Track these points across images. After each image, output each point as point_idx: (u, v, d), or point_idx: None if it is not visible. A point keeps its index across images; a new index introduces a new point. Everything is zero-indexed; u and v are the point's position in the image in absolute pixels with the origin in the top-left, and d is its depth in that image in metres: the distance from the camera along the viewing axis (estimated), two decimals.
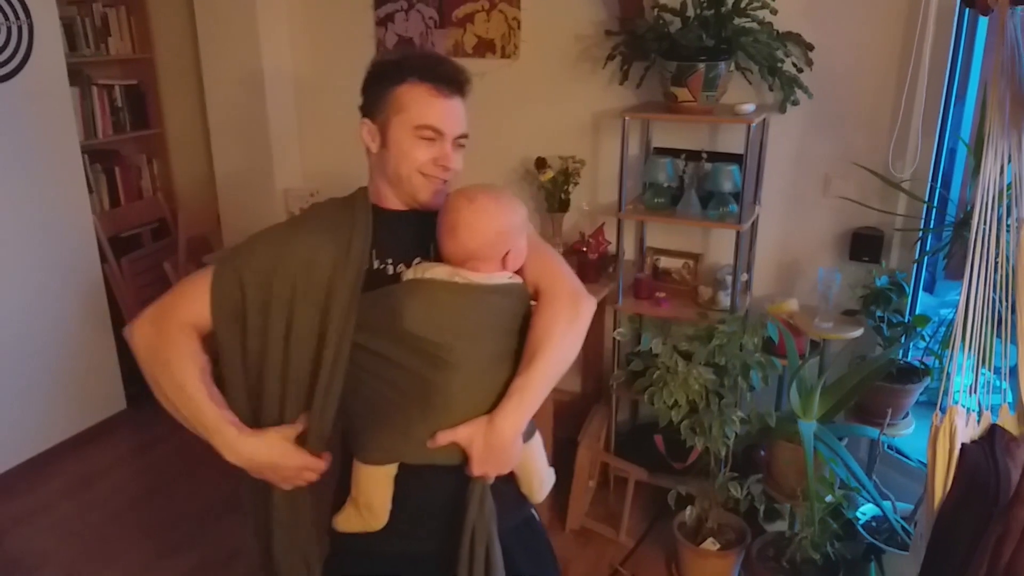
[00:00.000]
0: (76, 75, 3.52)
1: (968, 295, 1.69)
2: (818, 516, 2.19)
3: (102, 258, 3.48)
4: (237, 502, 1.50)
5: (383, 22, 3.29)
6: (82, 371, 3.34)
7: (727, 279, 2.70)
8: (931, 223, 2.55)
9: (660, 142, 2.89)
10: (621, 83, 2.83)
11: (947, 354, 1.77)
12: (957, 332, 1.71)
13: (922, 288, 2.62)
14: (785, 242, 2.85)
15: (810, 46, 2.58)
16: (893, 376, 2.42)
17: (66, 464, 3.20)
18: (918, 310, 2.58)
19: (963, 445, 1.70)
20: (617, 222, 2.74)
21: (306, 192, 3.51)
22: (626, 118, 2.63)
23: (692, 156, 2.77)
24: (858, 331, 2.54)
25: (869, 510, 2.38)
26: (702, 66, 2.48)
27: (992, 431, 1.72)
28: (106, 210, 3.82)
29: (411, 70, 1.38)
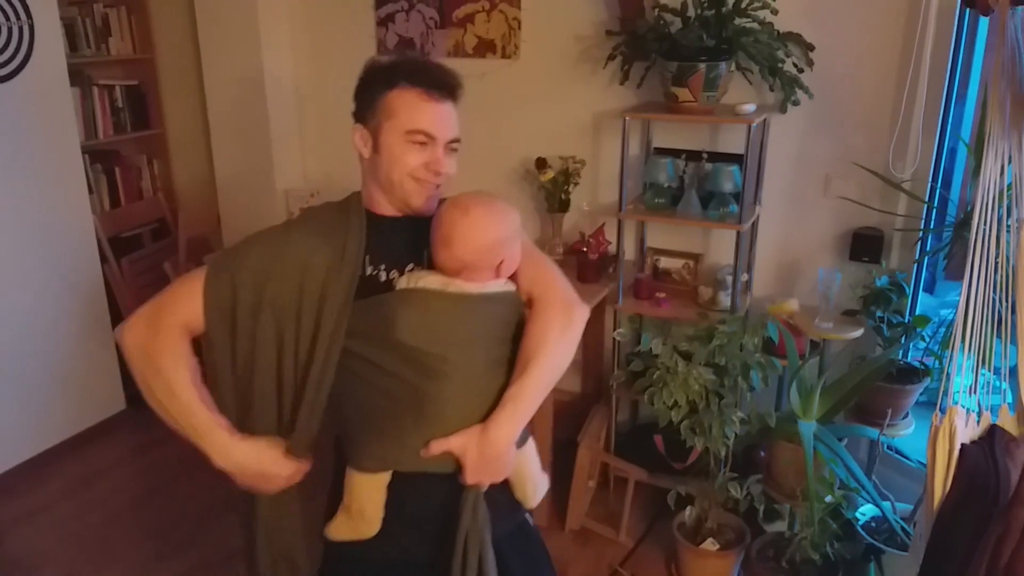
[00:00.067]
0: (77, 75, 3.52)
1: (968, 295, 1.69)
2: (818, 516, 2.19)
3: (102, 258, 3.48)
4: (236, 502, 1.50)
5: (384, 22, 3.29)
6: (82, 371, 3.35)
7: (727, 279, 2.70)
8: (931, 223, 2.55)
9: (660, 142, 2.89)
10: (622, 83, 2.83)
11: (947, 354, 1.77)
12: (957, 332, 1.71)
13: (922, 288, 2.62)
14: (785, 242, 2.85)
15: (811, 46, 2.58)
16: (893, 376, 2.42)
17: (66, 464, 3.20)
18: (918, 310, 2.58)
19: (963, 445, 1.70)
20: (617, 222, 2.74)
21: (306, 192, 3.50)
22: (626, 118, 2.63)
23: (692, 156, 2.78)
24: (858, 331, 2.54)
25: (869, 510, 2.38)
26: (703, 66, 2.48)
27: (992, 431, 1.72)
28: (106, 210, 3.83)
29: (401, 75, 1.38)
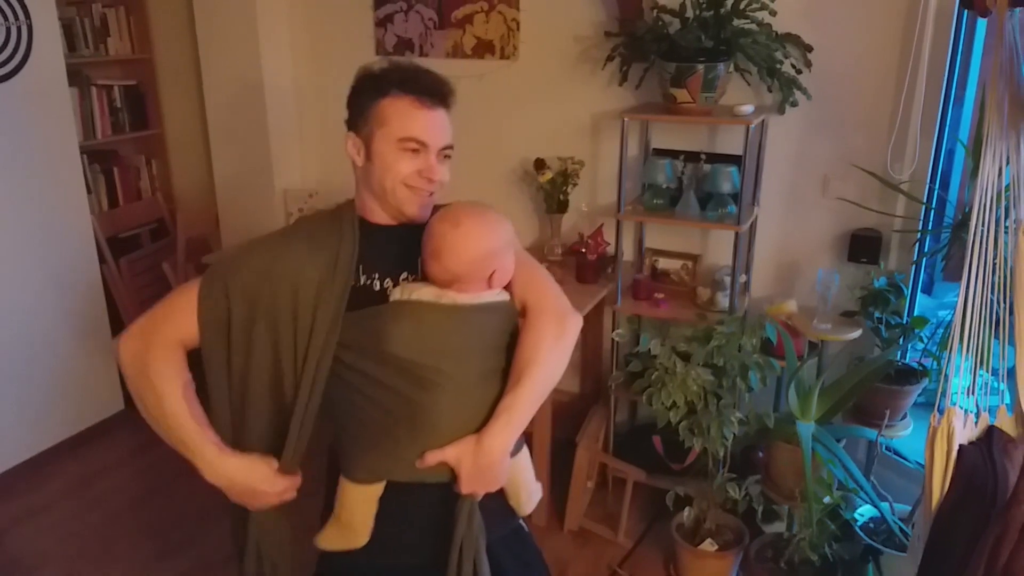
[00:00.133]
0: (75, 75, 3.52)
1: (966, 297, 1.70)
2: (816, 517, 2.19)
3: (101, 258, 3.48)
4: (230, 507, 1.50)
5: (382, 23, 3.29)
6: (81, 371, 3.34)
7: (726, 280, 2.70)
8: (929, 224, 2.55)
9: (659, 143, 2.89)
10: (620, 84, 2.83)
11: (945, 356, 1.77)
12: (955, 334, 1.72)
13: (920, 289, 2.62)
14: (784, 243, 2.85)
15: (809, 47, 2.58)
16: (891, 377, 2.43)
17: (65, 464, 3.19)
18: (916, 311, 2.58)
19: (961, 446, 1.71)
20: (616, 223, 2.74)
21: (305, 193, 3.50)
22: (625, 119, 2.63)
23: (691, 157, 2.78)
24: (856, 332, 2.54)
25: (867, 511, 2.39)
26: (701, 67, 2.48)
27: (990, 432, 1.72)
28: (105, 210, 3.83)
29: (393, 83, 1.38)
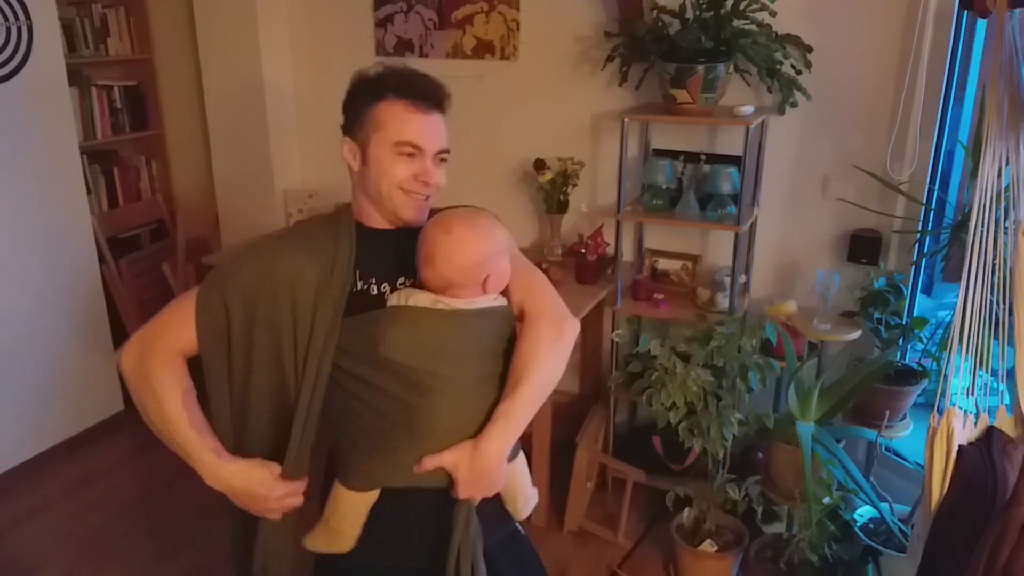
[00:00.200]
0: (75, 76, 3.52)
1: (966, 297, 1.70)
2: (816, 518, 2.19)
3: (100, 259, 3.48)
4: (231, 509, 1.50)
5: (382, 23, 3.29)
6: (80, 372, 3.34)
7: (725, 281, 2.70)
8: (929, 225, 2.55)
9: (659, 144, 2.89)
10: (620, 85, 2.83)
11: (944, 356, 1.77)
12: (955, 334, 1.72)
13: (920, 290, 2.63)
14: (783, 244, 2.85)
15: (809, 48, 2.58)
16: (891, 378, 2.43)
17: (65, 465, 3.19)
18: (916, 312, 2.58)
19: (960, 447, 1.71)
20: (616, 223, 2.74)
21: (305, 193, 3.51)
22: (625, 120, 2.64)
23: (691, 158, 2.78)
24: (856, 333, 2.54)
25: (867, 512, 2.39)
26: (701, 68, 2.48)
27: (989, 433, 1.72)
28: (105, 211, 3.83)
29: (388, 87, 1.38)
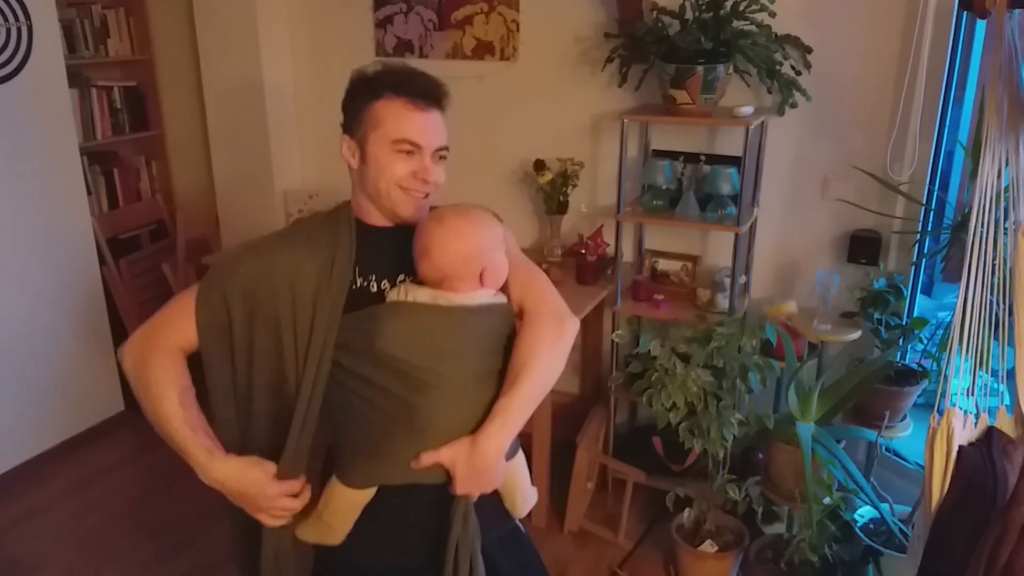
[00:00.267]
0: (75, 77, 3.52)
1: (965, 298, 1.70)
2: (816, 518, 2.19)
3: (101, 260, 3.48)
4: (238, 511, 1.50)
5: (382, 24, 3.29)
6: (80, 373, 3.34)
7: (725, 281, 2.70)
8: (929, 226, 2.55)
9: (659, 144, 2.89)
10: (620, 85, 2.83)
11: (945, 357, 1.77)
12: (955, 335, 1.72)
13: (920, 290, 2.63)
14: (783, 244, 2.85)
15: (808, 49, 2.58)
16: (891, 378, 2.43)
17: (64, 466, 3.19)
18: (916, 312, 2.58)
19: (960, 447, 1.71)
20: (616, 224, 2.75)
21: (305, 194, 3.50)
22: (625, 120, 2.64)
23: (690, 158, 2.78)
24: (856, 333, 2.54)
25: (867, 512, 2.39)
26: (701, 69, 2.48)
27: (989, 433, 1.72)
28: (105, 212, 3.83)
29: (386, 85, 1.38)
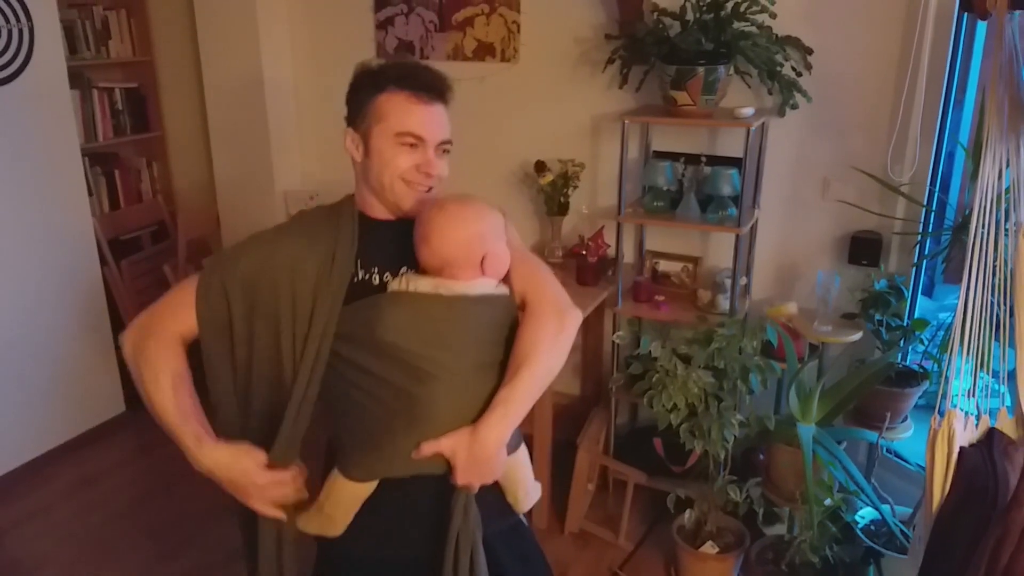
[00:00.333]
0: (76, 78, 3.52)
1: (966, 299, 1.70)
2: (817, 519, 2.19)
3: (102, 261, 3.48)
4: (235, 504, 1.50)
5: (383, 25, 3.30)
6: (81, 374, 3.34)
7: (726, 282, 2.70)
8: (930, 227, 2.55)
9: (659, 146, 2.89)
10: (620, 87, 2.83)
11: (945, 358, 1.77)
12: (955, 336, 1.72)
13: (921, 292, 2.62)
14: (784, 245, 2.85)
15: (809, 50, 2.58)
16: (892, 380, 2.43)
17: (65, 467, 3.19)
18: (917, 314, 2.58)
19: (961, 449, 1.71)
20: (616, 225, 2.75)
21: (306, 194, 3.51)
22: (625, 121, 2.64)
23: (691, 160, 2.78)
24: (857, 334, 2.54)
25: (868, 513, 2.39)
26: (701, 70, 2.48)
27: (990, 435, 1.72)
28: (106, 213, 3.83)
29: (390, 79, 1.39)
